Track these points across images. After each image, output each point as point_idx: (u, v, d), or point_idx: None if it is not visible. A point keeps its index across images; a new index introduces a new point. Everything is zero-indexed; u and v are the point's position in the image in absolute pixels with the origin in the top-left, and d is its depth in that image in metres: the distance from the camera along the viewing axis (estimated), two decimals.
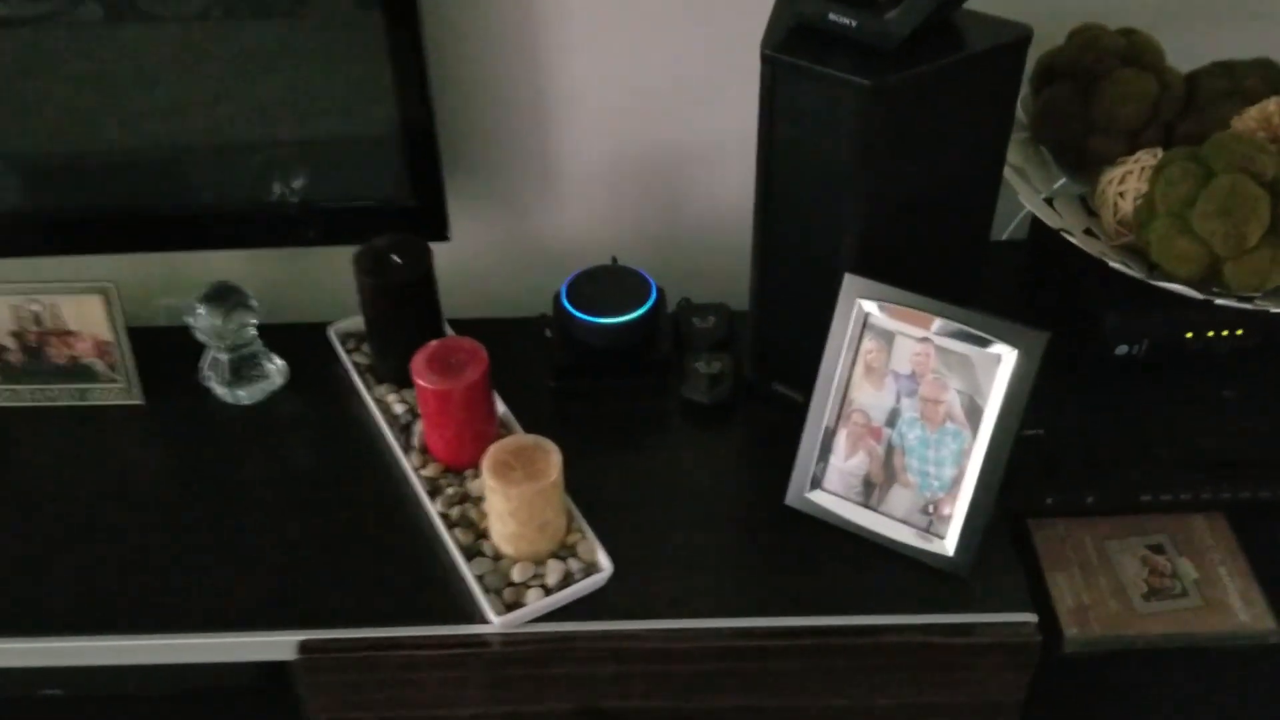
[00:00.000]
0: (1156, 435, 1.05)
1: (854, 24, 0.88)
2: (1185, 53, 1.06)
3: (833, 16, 0.89)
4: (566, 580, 0.93)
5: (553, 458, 0.92)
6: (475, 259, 1.28)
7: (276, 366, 1.14)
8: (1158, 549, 1.06)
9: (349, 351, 1.17)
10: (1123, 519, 1.08)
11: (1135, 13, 1.09)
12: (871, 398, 0.95)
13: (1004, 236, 1.24)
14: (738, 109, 1.17)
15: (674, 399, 1.12)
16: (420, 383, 0.98)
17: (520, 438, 0.94)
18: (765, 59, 0.91)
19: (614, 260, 1.20)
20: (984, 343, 0.89)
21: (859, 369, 0.95)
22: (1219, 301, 0.92)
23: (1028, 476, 1.01)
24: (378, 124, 1.08)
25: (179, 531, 1.01)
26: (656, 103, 1.18)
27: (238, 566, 0.98)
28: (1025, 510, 1.07)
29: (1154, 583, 1.03)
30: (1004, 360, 0.88)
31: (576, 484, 0.98)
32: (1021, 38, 0.90)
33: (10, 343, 1.11)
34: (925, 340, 0.91)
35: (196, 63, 1.03)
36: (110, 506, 1.04)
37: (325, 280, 1.28)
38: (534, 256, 1.30)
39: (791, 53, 0.90)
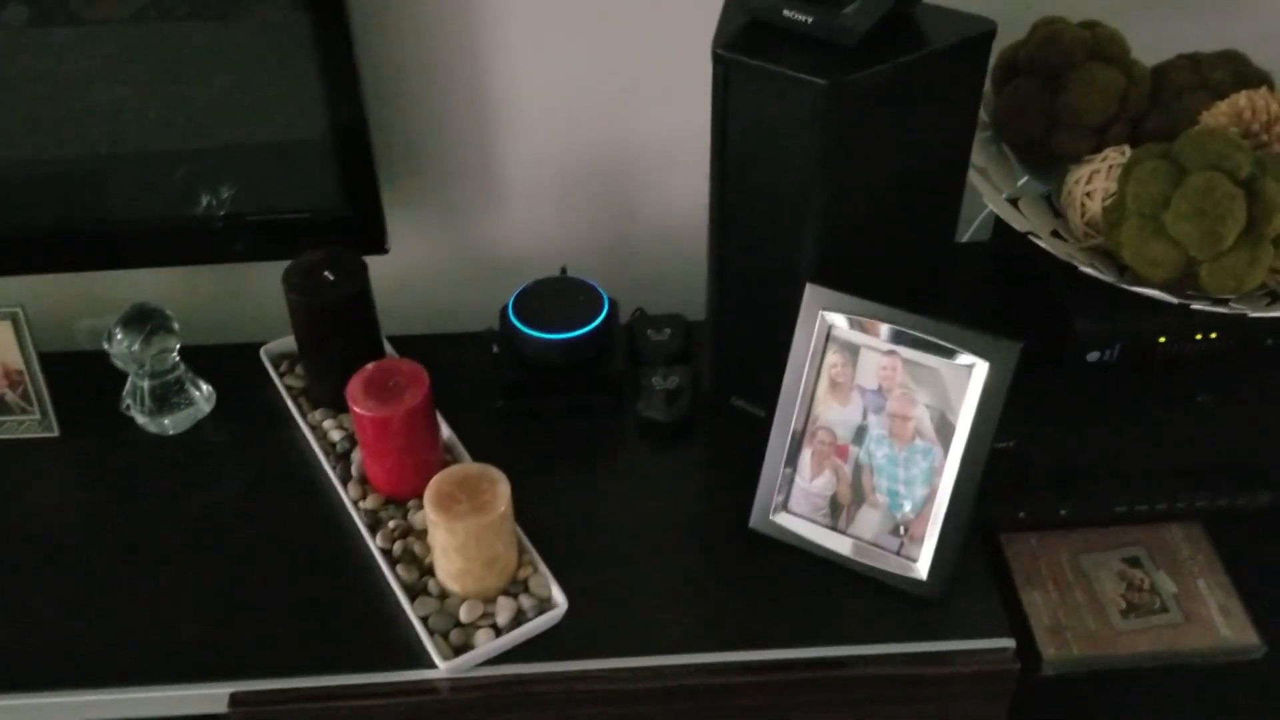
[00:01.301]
0: (1129, 443, 1.00)
1: (809, 20, 0.83)
2: (1148, 45, 1.02)
3: (787, 13, 0.84)
4: (518, 619, 0.87)
5: (500, 488, 0.86)
6: (415, 271, 1.22)
7: (203, 393, 1.07)
8: (1134, 562, 1.02)
9: (282, 374, 1.10)
10: (1097, 531, 1.04)
11: (1096, 4, 1.05)
12: (837, 414, 0.90)
13: (965, 238, 1.20)
14: (689, 109, 1.12)
15: (629, 417, 1.07)
16: (357, 409, 0.92)
17: (465, 467, 0.88)
18: (717, 58, 0.85)
19: (563, 271, 1.14)
20: (953, 355, 0.84)
21: (823, 384, 0.90)
22: (1195, 306, 0.88)
23: (998, 490, 0.97)
24: (308, 129, 1.01)
25: (95, 575, 0.94)
26: (604, 104, 1.13)
27: (162, 612, 0.91)
28: (996, 525, 1.03)
29: (1132, 598, 0.99)
30: (975, 373, 0.84)
31: (527, 512, 0.92)
32: (985, 33, 0.85)
33: None
34: (892, 353, 0.87)
35: (120, 66, 0.96)
36: (21, 549, 0.96)
37: (256, 298, 1.21)
38: (478, 267, 1.24)
39: (744, 51, 0.84)
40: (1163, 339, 0.98)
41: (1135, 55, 1.01)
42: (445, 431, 1.02)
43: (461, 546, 0.84)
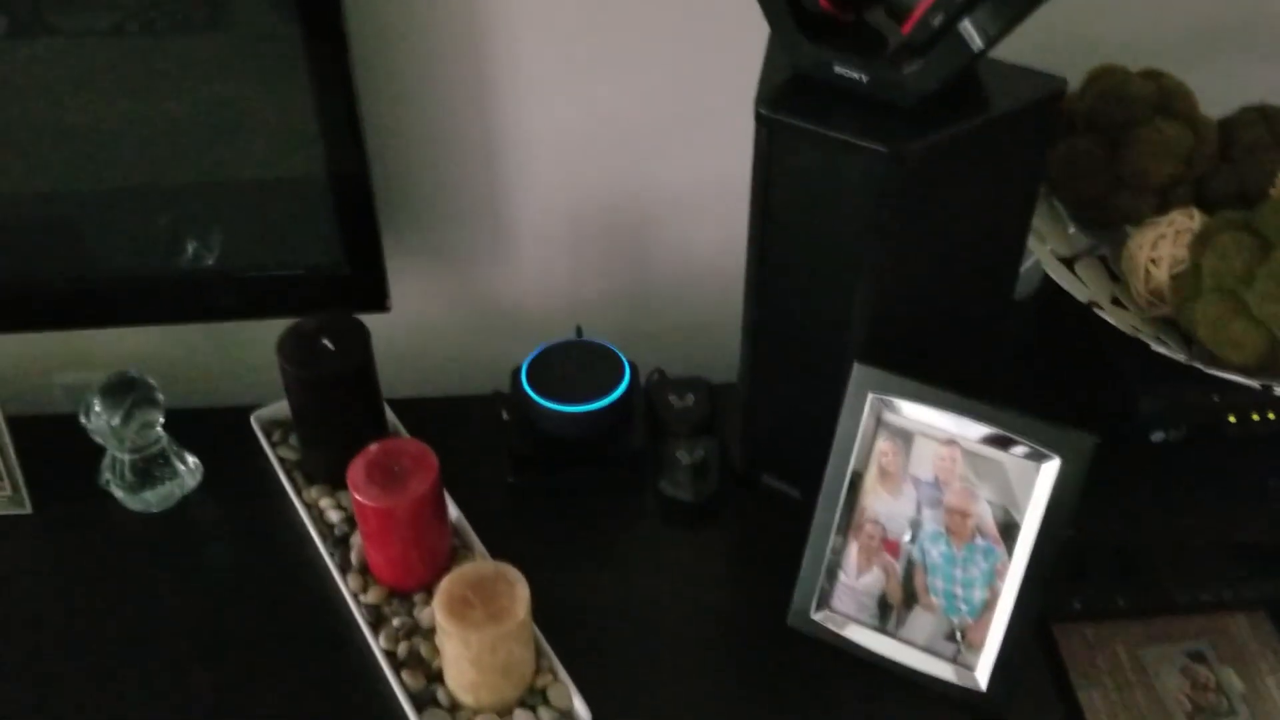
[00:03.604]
0: (1192, 527, 0.93)
1: (864, 79, 0.75)
2: (1210, 91, 0.95)
3: (839, 69, 0.76)
4: None
5: (518, 591, 0.78)
6: (417, 326, 1.14)
7: (188, 466, 0.99)
8: (1198, 657, 0.94)
9: (275, 445, 1.01)
10: (1157, 621, 0.96)
11: (1151, 46, 0.98)
12: (887, 506, 0.82)
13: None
14: (707, 156, 1.05)
15: (651, 494, 0.98)
16: (359, 498, 0.83)
17: (479, 567, 0.80)
18: (760, 118, 0.77)
19: (579, 331, 1.06)
20: (1019, 448, 0.77)
21: (872, 472, 0.82)
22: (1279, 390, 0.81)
23: (1053, 576, 0.89)
24: (303, 166, 0.93)
25: (68, 671, 0.85)
26: (619, 150, 1.05)
27: (138, 710, 0.82)
28: (1050, 614, 0.96)
29: (1198, 699, 0.91)
30: (1044, 469, 0.76)
31: (542, 604, 0.84)
32: (1054, 93, 0.78)
33: None
34: (951, 443, 0.79)
35: (99, 88, 0.87)
36: None
37: (246, 356, 1.13)
38: (485, 322, 1.16)
39: (791, 111, 0.77)
40: (1232, 418, 0.90)
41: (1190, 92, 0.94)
42: (452, 511, 0.93)
43: (476, 658, 0.76)
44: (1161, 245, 0.89)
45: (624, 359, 1.00)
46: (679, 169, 1.06)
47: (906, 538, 0.81)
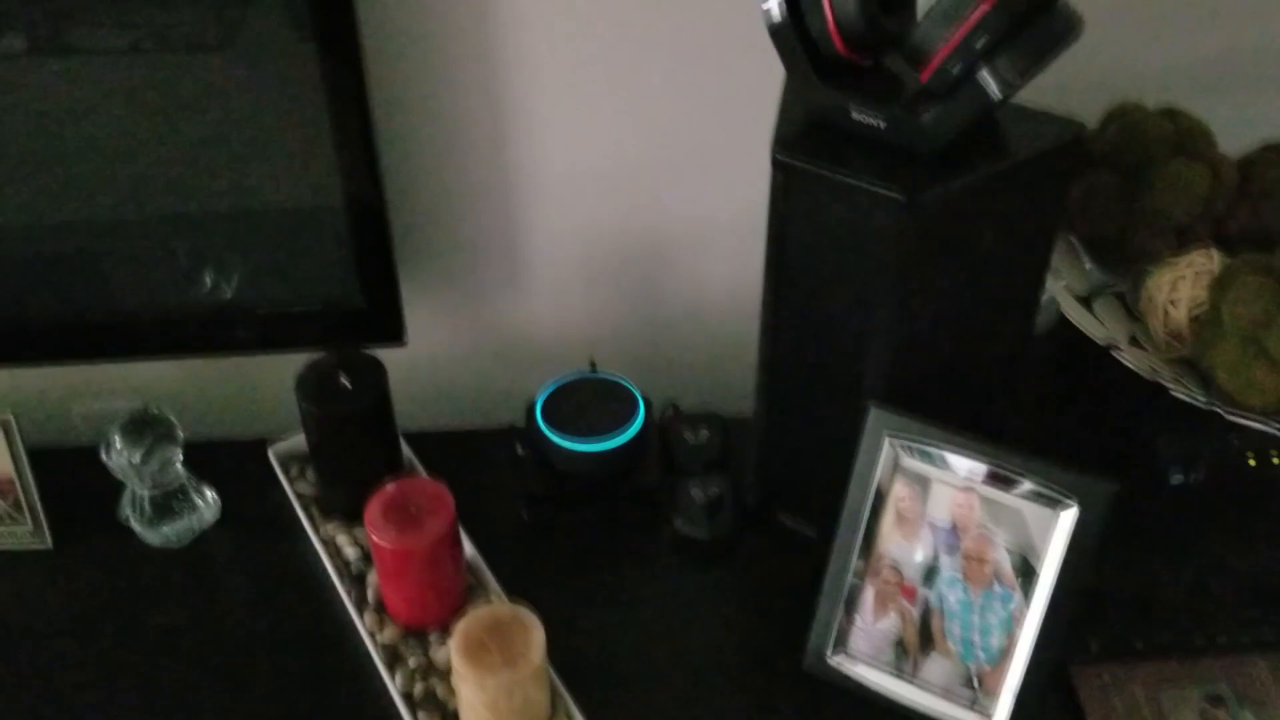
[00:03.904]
0: (1211, 569, 0.93)
1: (882, 125, 0.75)
2: (1227, 127, 0.94)
3: (856, 114, 0.76)
4: None
5: (534, 636, 0.78)
6: (432, 357, 1.14)
7: (206, 501, 0.99)
8: (1216, 700, 0.93)
9: (292, 479, 1.01)
10: (1175, 663, 0.95)
11: (1169, 80, 0.98)
12: (904, 551, 0.82)
13: None
14: (723, 192, 1.05)
15: (664, 529, 0.98)
16: (376, 539, 0.83)
17: (496, 610, 0.80)
18: (776, 163, 0.77)
19: (592, 365, 1.06)
20: (1038, 495, 0.76)
21: (888, 516, 0.82)
22: None
23: (1071, 622, 0.88)
24: (321, 207, 0.93)
25: (86, 705, 0.86)
26: (634, 183, 1.05)
27: None
28: (1067, 655, 0.95)
29: None
30: (1063, 516, 0.76)
31: (556, 642, 0.83)
32: (1074, 138, 0.77)
33: None
34: (968, 488, 0.78)
35: (118, 128, 0.88)
36: (7, 669, 0.88)
37: (263, 389, 1.13)
38: (499, 353, 1.16)
39: (807, 155, 0.77)
40: (1252, 460, 0.90)
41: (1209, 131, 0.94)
42: (467, 548, 0.94)
43: (492, 701, 0.76)
44: (1180, 286, 0.89)
45: (638, 395, 1.00)
46: (693, 204, 1.06)
47: (923, 582, 0.81)
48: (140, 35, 0.84)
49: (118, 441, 0.93)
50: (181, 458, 0.95)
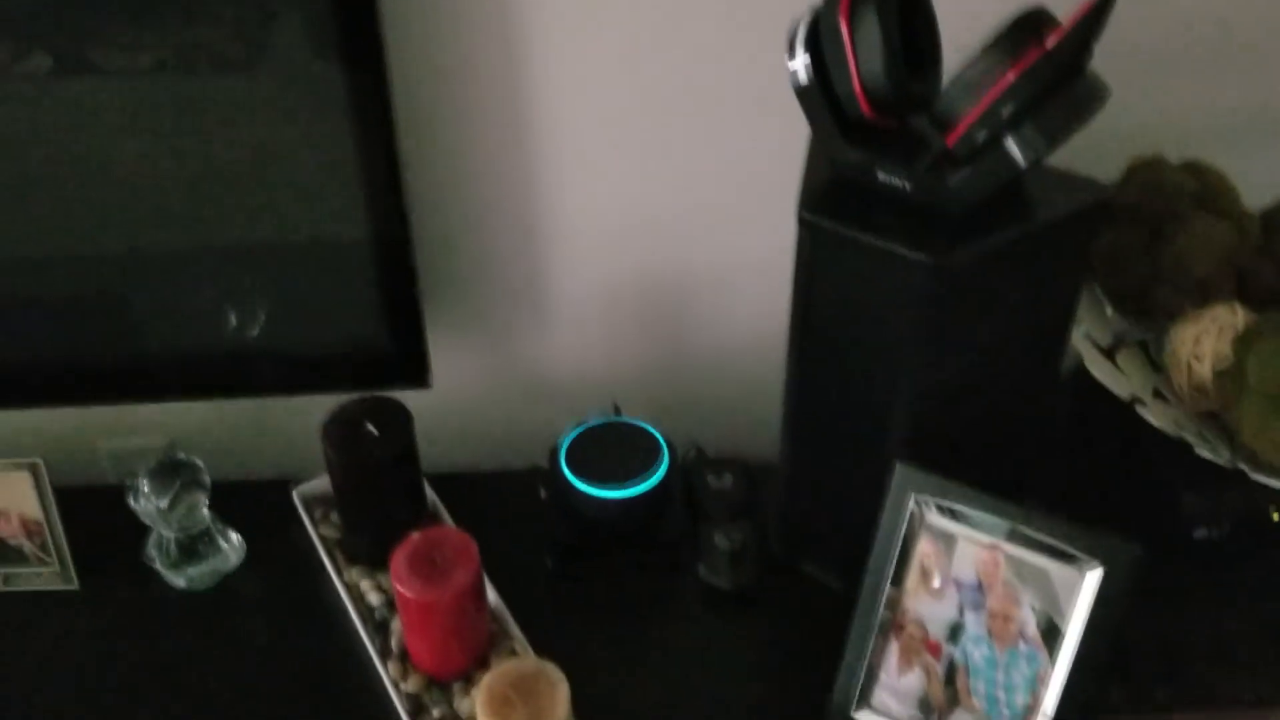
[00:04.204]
0: (1236, 623, 0.93)
1: (908, 186, 0.75)
2: (1249, 179, 0.95)
3: (883, 176, 0.76)
4: None
5: (559, 691, 0.78)
6: (456, 398, 1.15)
7: (232, 544, 1.00)
8: None
9: (316, 522, 1.02)
10: (1199, 716, 0.95)
11: (1188, 135, 0.98)
12: (929, 607, 0.82)
13: None
14: (747, 238, 1.05)
15: (688, 578, 0.98)
16: (401, 589, 0.84)
17: (521, 664, 0.80)
18: (802, 222, 0.78)
19: (615, 408, 1.07)
20: (1063, 555, 0.76)
21: (913, 572, 0.82)
22: None
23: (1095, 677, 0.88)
24: (348, 244, 0.94)
25: None
26: (657, 228, 1.06)
27: None
28: (1091, 710, 0.95)
29: None
30: (1088, 577, 0.76)
31: (580, 694, 0.83)
32: (1098, 201, 0.78)
33: None
34: (993, 547, 0.79)
35: (142, 153, 0.88)
36: (34, 708, 0.89)
37: (288, 430, 1.14)
38: (523, 395, 1.17)
39: (832, 215, 0.77)
40: (1276, 515, 0.90)
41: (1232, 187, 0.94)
42: (491, 595, 0.94)
43: None
44: (1204, 341, 0.89)
45: (663, 441, 1.00)
46: (716, 250, 1.07)
47: (948, 639, 0.81)
48: (163, 55, 0.84)
49: (145, 486, 0.94)
50: (208, 502, 0.96)
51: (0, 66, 0.84)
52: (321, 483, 1.04)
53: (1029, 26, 0.69)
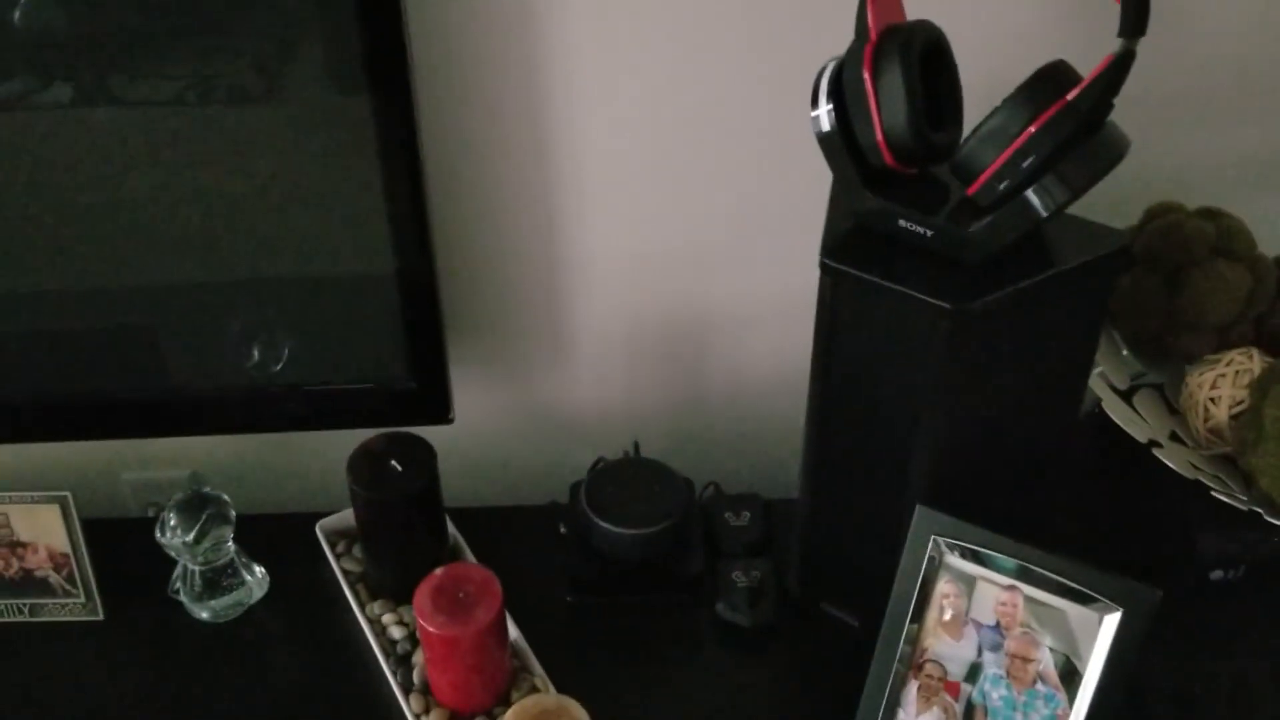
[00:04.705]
0: (1253, 664, 0.93)
1: (928, 234, 0.77)
2: (1265, 226, 0.96)
3: (904, 223, 0.78)
4: None
5: None
6: (476, 433, 1.16)
7: (255, 577, 1.01)
8: None
9: (339, 555, 1.03)
10: None
11: (1204, 180, 0.99)
12: (948, 648, 0.82)
13: None
14: (767, 277, 1.07)
15: (706, 615, 0.99)
16: (425, 625, 0.85)
17: (543, 700, 0.81)
18: (825, 268, 0.79)
19: (635, 446, 1.08)
20: (1082, 598, 0.77)
21: (933, 613, 0.83)
22: None
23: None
24: (372, 286, 0.95)
25: None
26: (676, 267, 1.07)
27: None
28: None
29: None
30: (1106, 620, 0.77)
31: None
32: (1117, 249, 0.79)
33: None
34: (1012, 589, 0.79)
35: (163, 185, 0.89)
36: None
37: (310, 464, 1.16)
38: (543, 431, 1.18)
39: (854, 261, 0.79)
40: None
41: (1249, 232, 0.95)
42: (511, 630, 0.95)
43: None
44: (1221, 384, 0.90)
45: (682, 479, 1.01)
46: (736, 289, 1.08)
47: (967, 679, 0.82)
48: (186, 85, 0.85)
49: (172, 519, 0.95)
50: (232, 535, 0.97)
51: (33, 99, 0.85)
52: (344, 517, 1.05)
53: (1051, 79, 0.71)
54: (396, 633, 0.96)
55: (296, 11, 0.83)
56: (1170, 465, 0.87)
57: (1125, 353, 0.99)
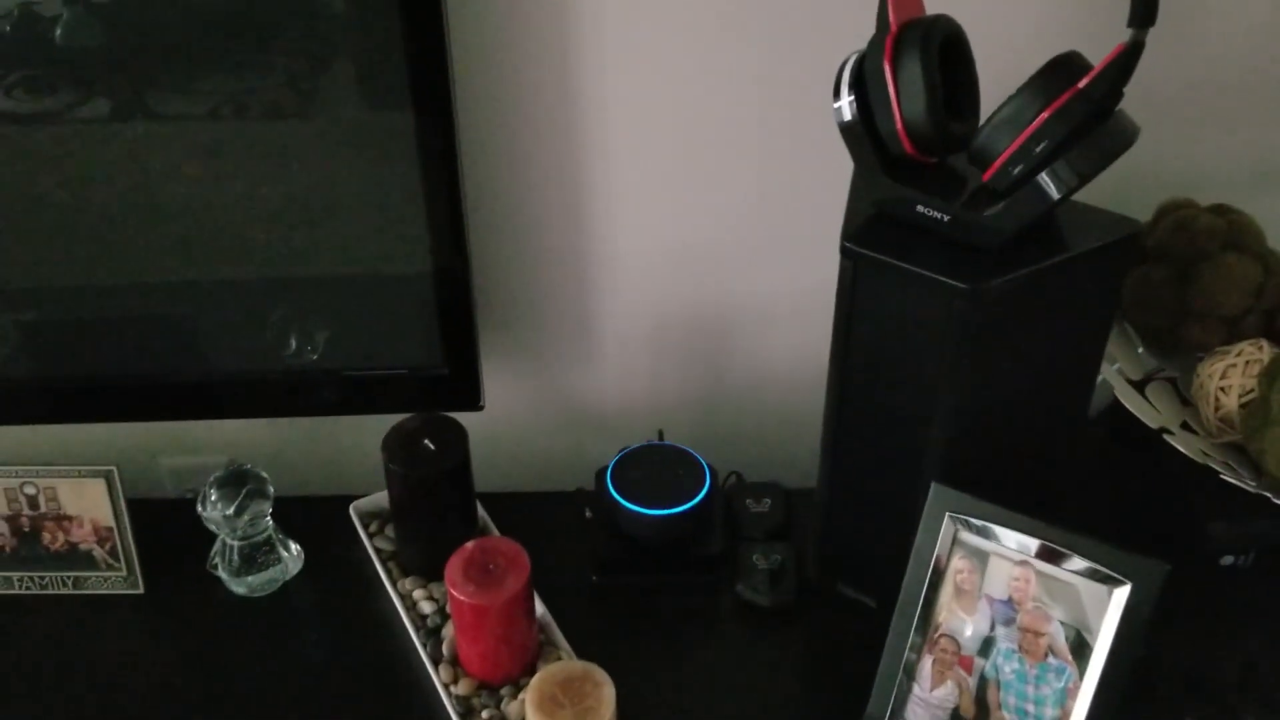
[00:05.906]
0: (1262, 648, 0.95)
1: (946, 219, 0.80)
2: (1276, 222, 0.99)
3: (921, 208, 0.81)
4: None
5: (605, 692, 0.82)
6: (505, 422, 1.19)
7: (291, 553, 1.04)
8: None
9: (371, 535, 1.07)
10: None
11: (1216, 177, 1.02)
12: (962, 623, 0.85)
13: None
14: (790, 271, 1.10)
15: (727, 596, 1.02)
16: (455, 594, 0.88)
17: (568, 666, 0.84)
18: (845, 251, 0.83)
19: (660, 435, 1.11)
20: (1092, 573, 0.80)
21: (947, 589, 0.85)
22: None
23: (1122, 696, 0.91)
24: (408, 279, 0.99)
25: None
26: (703, 261, 1.11)
27: None
28: None
29: None
30: (1116, 594, 0.79)
31: (620, 702, 0.87)
32: (1129, 235, 0.82)
33: (1, 527, 1.01)
34: (1025, 564, 0.82)
35: (203, 191, 0.93)
36: (96, 707, 0.94)
37: (345, 448, 1.19)
38: (569, 421, 1.21)
39: (874, 245, 0.82)
40: None
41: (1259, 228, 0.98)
42: (539, 608, 0.98)
43: None
44: (1231, 374, 0.93)
45: (704, 464, 1.04)
46: (760, 283, 1.11)
47: (980, 654, 0.84)
48: (240, 102, 0.89)
49: (213, 494, 0.98)
50: (270, 511, 1.01)
51: (110, 118, 0.89)
52: (377, 498, 1.09)
53: (1063, 68, 0.74)
54: (426, 607, 0.99)
55: (345, 34, 0.88)
56: (1181, 450, 0.89)
57: (1140, 349, 1.02)
